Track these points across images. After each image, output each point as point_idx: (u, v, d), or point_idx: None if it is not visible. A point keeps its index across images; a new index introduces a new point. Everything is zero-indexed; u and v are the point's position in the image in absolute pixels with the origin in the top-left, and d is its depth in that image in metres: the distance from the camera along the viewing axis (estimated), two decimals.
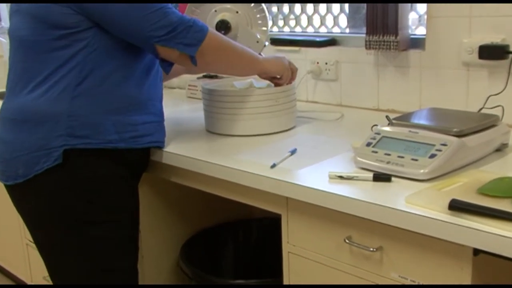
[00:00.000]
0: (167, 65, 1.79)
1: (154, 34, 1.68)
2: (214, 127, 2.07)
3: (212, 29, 1.78)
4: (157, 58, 1.78)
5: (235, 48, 1.87)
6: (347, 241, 1.49)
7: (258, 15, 2.20)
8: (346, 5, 2.59)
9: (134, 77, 1.77)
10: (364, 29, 2.28)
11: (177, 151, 1.87)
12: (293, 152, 1.78)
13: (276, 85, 2.05)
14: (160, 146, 1.89)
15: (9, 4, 2.36)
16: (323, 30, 2.70)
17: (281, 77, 2.04)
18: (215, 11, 2.15)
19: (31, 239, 1.86)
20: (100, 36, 1.69)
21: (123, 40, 1.71)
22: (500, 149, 1.71)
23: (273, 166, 1.67)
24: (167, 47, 1.71)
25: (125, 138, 1.76)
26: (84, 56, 1.68)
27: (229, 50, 1.85)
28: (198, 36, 1.72)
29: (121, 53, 1.73)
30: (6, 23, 3.63)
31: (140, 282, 2.03)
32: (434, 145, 1.55)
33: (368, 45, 2.25)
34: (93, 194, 1.73)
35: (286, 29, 2.85)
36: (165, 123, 1.91)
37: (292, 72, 2.06)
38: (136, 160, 1.84)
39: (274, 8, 2.87)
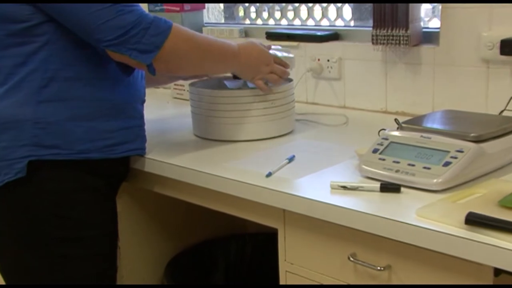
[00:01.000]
0: (125, 68, 1.75)
1: (102, 37, 1.62)
2: (202, 132, 2.06)
3: (177, 26, 1.71)
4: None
5: (207, 48, 1.81)
6: (351, 258, 1.48)
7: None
8: None
9: (108, 76, 1.76)
10: (370, 22, 2.28)
11: (161, 158, 1.87)
12: (291, 159, 1.77)
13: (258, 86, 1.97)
14: (140, 154, 1.87)
15: None
16: (324, 23, 2.70)
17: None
18: None
19: None
20: (62, 32, 1.67)
21: None
22: None
23: (269, 175, 1.66)
24: (119, 53, 1.66)
25: (99, 147, 1.74)
26: (47, 54, 1.67)
27: (200, 53, 1.79)
28: (155, 41, 1.66)
29: (91, 51, 1.71)
30: None
31: None
32: (448, 151, 1.54)
33: (375, 40, 2.25)
34: (63, 208, 1.72)
35: (284, 22, 2.86)
36: (148, 126, 1.91)
37: (275, 71, 1.97)
38: (112, 171, 1.83)
39: None
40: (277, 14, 2.87)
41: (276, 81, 1.97)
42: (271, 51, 2.00)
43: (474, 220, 1.27)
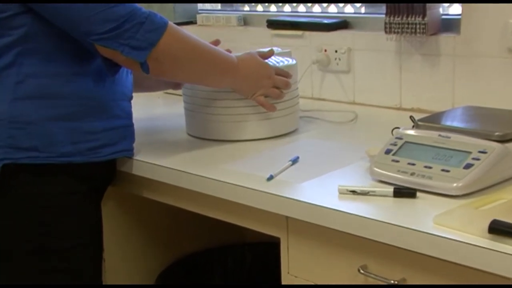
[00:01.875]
0: (111, 66, 1.75)
1: (92, 30, 1.63)
2: (197, 131, 2.07)
3: (173, 25, 1.73)
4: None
5: (203, 54, 1.82)
6: (362, 271, 1.48)
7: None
8: None
9: (91, 72, 1.76)
10: (383, 9, 2.28)
11: (150, 159, 1.87)
12: (294, 161, 1.77)
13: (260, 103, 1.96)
14: (127, 156, 1.87)
15: None
16: (332, 9, 2.70)
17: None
18: None
19: None
20: (41, 24, 1.67)
21: None
22: None
23: (270, 178, 1.66)
24: (109, 48, 1.66)
25: (82, 150, 1.75)
26: (24, 48, 1.67)
27: (195, 57, 1.80)
28: (150, 37, 1.67)
29: (73, 45, 1.71)
30: None
31: None
32: (470, 152, 1.54)
33: (389, 29, 2.25)
34: (41, 216, 1.72)
35: (287, 8, 2.85)
36: (137, 125, 1.91)
37: (277, 83, 1.97)
38: (97, 174, 1.83)
39: None
40: None
41: (278, 96, 1.97)
42: (269, 62, 2.00)
43: (498, 229, 1.27)
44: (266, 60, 2.00)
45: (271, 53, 2.03)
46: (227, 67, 1.88)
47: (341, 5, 2.66)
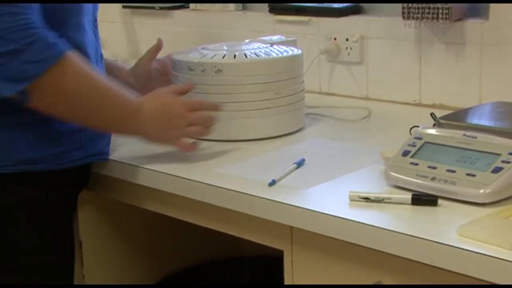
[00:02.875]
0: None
1: None
2: None
3: (71, 57, 1.61)
4: None
5: (99, 94, 1.71)
6: None
7: None
8: None
9: None
10: None
11: (133, 161, 1.87)
12: (299, 163, 1.78)
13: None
14: (101, 160, 1.87)
15: None
16: None
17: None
18: None
19: None
20: None
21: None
22: None
23: (272, 183, 1.67)
24: None
25: (44, 156, 1.73)
26: None
27: (88, 96, 1.68)
28: (31, 70, 1.55)
29: None
30: None
31: None
32: (499, 154, 1.54)
33: (407, 14, 2.25)
34: (2, 231, 1.72)
35: None
36: None
37: (195, 120, 1.83)
38: (66, 180, 1.82)
39: None
40: None
41: (200, 134, 1.87)
42: (272, 52, 1.97)
43: None
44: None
45: (188, 88, 1.89)
46: (126, 114, 1.77)
47: None
